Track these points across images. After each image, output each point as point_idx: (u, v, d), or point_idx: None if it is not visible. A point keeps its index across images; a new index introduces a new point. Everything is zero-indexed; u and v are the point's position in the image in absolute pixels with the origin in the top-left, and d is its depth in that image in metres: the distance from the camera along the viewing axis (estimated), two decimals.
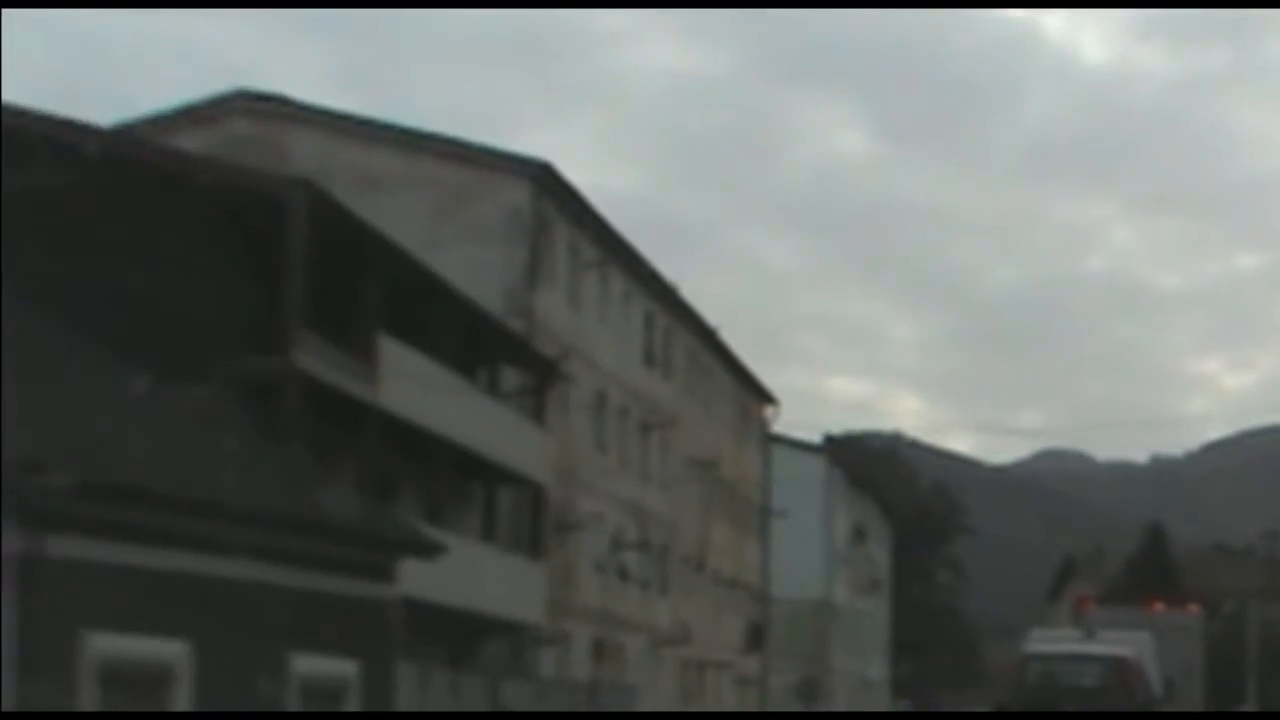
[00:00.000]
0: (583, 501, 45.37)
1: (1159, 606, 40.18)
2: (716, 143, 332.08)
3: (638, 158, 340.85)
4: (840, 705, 76.71)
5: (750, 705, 62.23)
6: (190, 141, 37.51)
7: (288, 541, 22.13)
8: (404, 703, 28.66)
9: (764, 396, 63.62)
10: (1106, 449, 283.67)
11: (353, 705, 25.03)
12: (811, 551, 72.64)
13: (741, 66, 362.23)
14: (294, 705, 22.73)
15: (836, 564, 75.74)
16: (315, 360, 29.64)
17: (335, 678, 24.43)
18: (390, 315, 32.42)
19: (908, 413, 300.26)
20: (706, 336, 57.25)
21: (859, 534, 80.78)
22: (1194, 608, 42.19)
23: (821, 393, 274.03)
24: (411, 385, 32.53)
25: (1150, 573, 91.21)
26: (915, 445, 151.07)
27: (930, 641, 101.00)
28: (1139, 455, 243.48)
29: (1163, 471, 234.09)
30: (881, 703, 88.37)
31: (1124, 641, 31.52)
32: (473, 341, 37.40)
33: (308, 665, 22.42)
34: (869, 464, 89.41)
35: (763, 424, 64.91)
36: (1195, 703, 38.24)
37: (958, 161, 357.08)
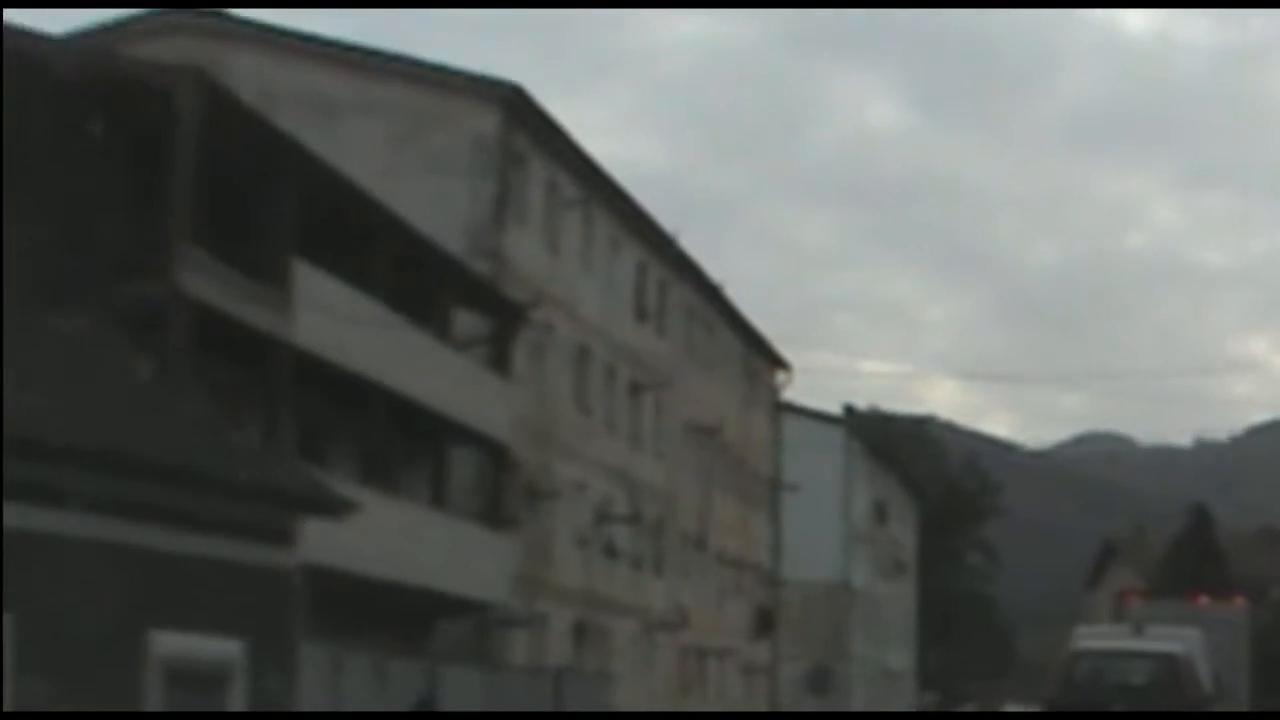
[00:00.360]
0: (561, 468, 40.60)
1: (1203, 600, 39.32)
2: (745, 116, 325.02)
3: (663, 132, 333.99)
4: (859, 697, 71.77)
5: (758, 696, 57.35)
6: None
7: (150, 494, 18.24)
8: (309, 690, 24.00)
9: (774, 360, 58.63)
10: (1149, 432, 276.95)
11: (236, 693, 20.72)
12: (828, 530, 67.64)
13: (770, 36, 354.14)
14: (155, 692, 18.98)
15: (856, 544, 70.69)
16: (208, 285, 24.98)
17: (210, 660, 20.17)
18: (311, 239, 27.78)
19: (943, 395, 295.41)
20: (709, 292, 52.37)
21: (881, 512, 75.67)
22: (1240, 601, 40.98)
23: (852, 375, 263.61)
24: (337, 320, 27.81)
25: (1194, 557, 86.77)
26: (950, 428, 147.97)
27: (960, 629, 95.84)
28: (1182, 438, 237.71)
29: (1207, 455, 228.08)
30: (905, 695, 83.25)
31: (1174, 638, 30.70)
32: (419, 278, 32.70)
33: (173, 645, 18.75)
34: (894, 440, 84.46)
35: (773, 390, 59.89)
36: (1242, 700, 37.31)
37: (995, 134, 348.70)
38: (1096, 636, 32.24)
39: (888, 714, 73.08)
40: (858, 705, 71.59)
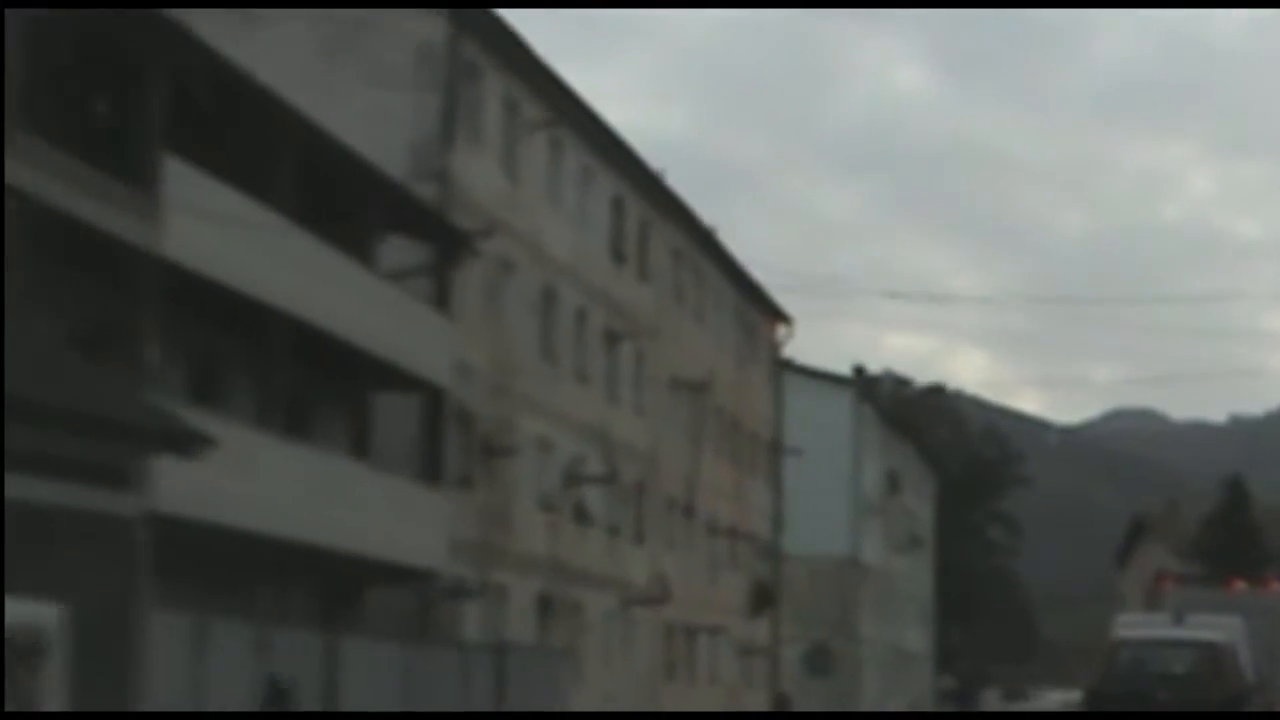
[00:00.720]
0: (523, 422, 36.18)
1: (1239, 585, 38.72)
2: (766, 81, 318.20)
3: (682, 98, 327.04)
4: (869, 680, 67.39)
5: (757, 678, 52.91)
6: None
7: None
8: (164, 665, 19.83)
9: (774, 313, 54.02)
10: (1182, 408, 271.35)
11: (54, 666, 16.78)
12: (836, 500, 63.22)
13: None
14: None
15: (866, 516, 66.19)
16: (50, 182, 20.63)
17: (21, 626, 16.23)
18: (197, 141, 23.50)
19: (971, 370, 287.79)
20: (700, 236, 47.87)
21: (894, 482, 71.17)
22: (1276, 586, 39.98)
23: (879, 348, 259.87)
24: (223, 233, 23.47)
25: (1229, 533, 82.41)
26: (977, 403, 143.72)
27: (980, 609, 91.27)
28: (1217, 414, 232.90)
29: (1242, 431, 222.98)
30: (920, 677, 78.86)
31: (1214, 626, 30.51)
32: (338, 194, 28.34)
33: None
34: (910, 407, 79.94)
35: (773, 346, 55.28)
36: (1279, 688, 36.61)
37: (1025, 102, 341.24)
38: (1137, 625, 32.26)
39: (896, 714, 68.92)
40: (869, 688, 67.16)
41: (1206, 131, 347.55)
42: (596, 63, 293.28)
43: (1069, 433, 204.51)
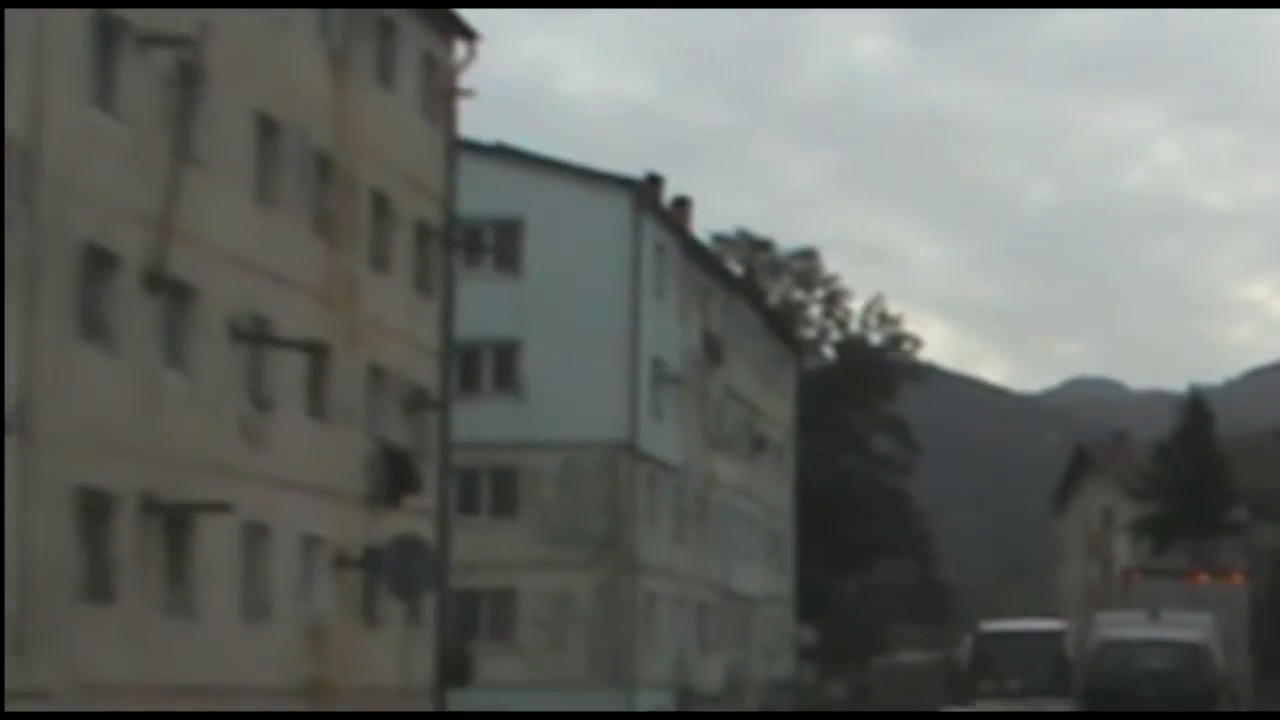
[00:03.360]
0: None
1: (1204, 578, 41.70)
2: (727, 48, 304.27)
3: (644, 63, 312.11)
4: (667, 630, 47.39)
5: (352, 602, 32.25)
6: None
7: None
8: None
9: (459, 29, 33.33)
10: (1141, 377, 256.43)
11: None
12: (605, 360, 43.17)
13: None
14: None
15: (658, 389, 45.73)
16: None
17: None
18: None
19: (935, 340, 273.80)
20: None
21: (714, 349, 50.87)
22: (1238, 579, 43.43)
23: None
24: None
25: (1191, 463, 63.88)
26: (934, 369, 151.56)
27: (866, 550, 71.17)
28: (1176, 384, 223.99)
29: (1200, 400, 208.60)
30: (765, 629, 58.59)
31: (1190, 625, 34.44)
32: None
33: None
34: (771, 275, 59.86)
35: (447, 75, 33.54)
36: (1245, 677, 40.47)
37: (989, 68, 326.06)
38: (1119, 624, 35.65)
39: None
40: (664, 643, 47.28)
41: (1173, 99, 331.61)
42: (554, 31, 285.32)
43: (1027, 400, 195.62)
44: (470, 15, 32.82)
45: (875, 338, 72.69)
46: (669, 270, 46.48)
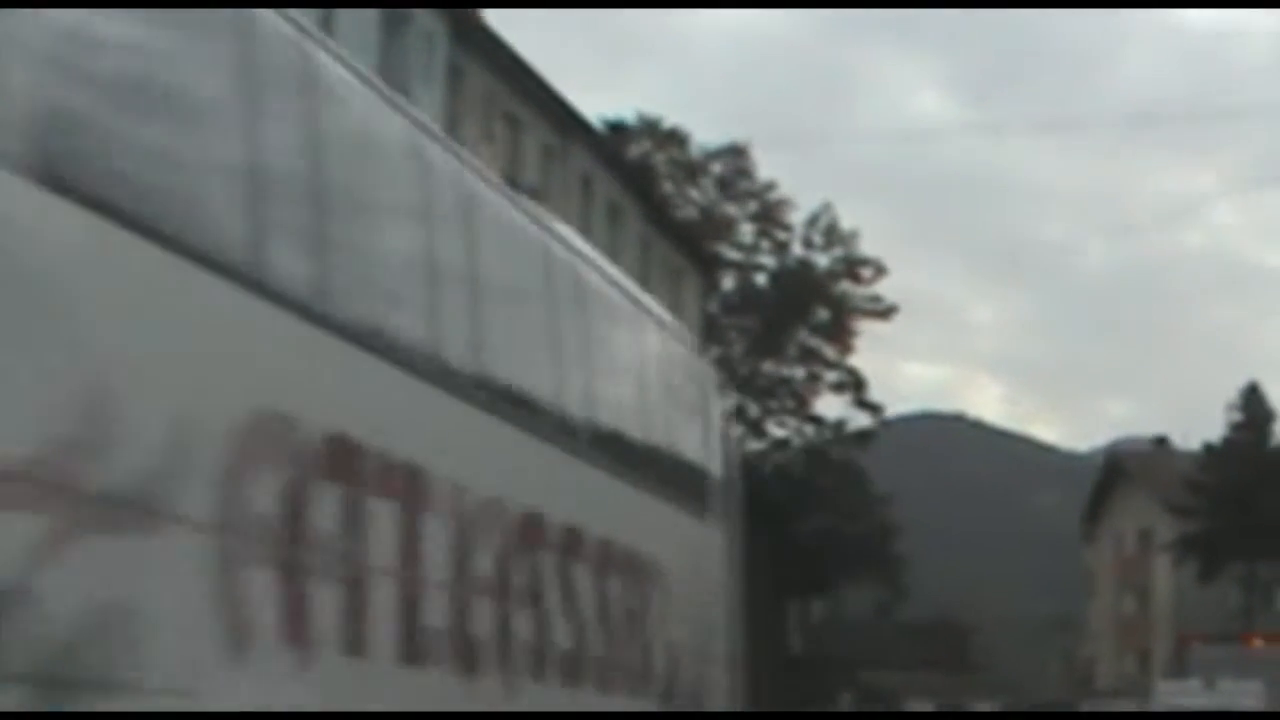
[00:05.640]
0: None
1: (1258, 643, 42.35)
2: (780, 104, 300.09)
3: (699, 119, 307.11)
4: None
5: None
6: None
7: None
8: None
9: None
10: (1191, 437, 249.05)
11: None
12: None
13: (809, 22, 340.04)
14: None
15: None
16: None
17: None
18: None
19: (988, 399, 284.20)
20: None
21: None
22: None
23: (894, 378, 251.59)
24: None
25: (1245, 468, 51.66)
26: (979, 427, 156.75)
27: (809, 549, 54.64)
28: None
29: (1257, 393, 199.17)
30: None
31: (1243, 693, 35.91)
32: None
33: None
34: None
35: None
36: None
37: (1045, 127, 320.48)
38: (1176, 694, 37.84)
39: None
40: None
41: (1230, 160, 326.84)
42: (614, 86, 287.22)
43: (1073, 458, 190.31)
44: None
45: (822, 260, 56.19)
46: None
